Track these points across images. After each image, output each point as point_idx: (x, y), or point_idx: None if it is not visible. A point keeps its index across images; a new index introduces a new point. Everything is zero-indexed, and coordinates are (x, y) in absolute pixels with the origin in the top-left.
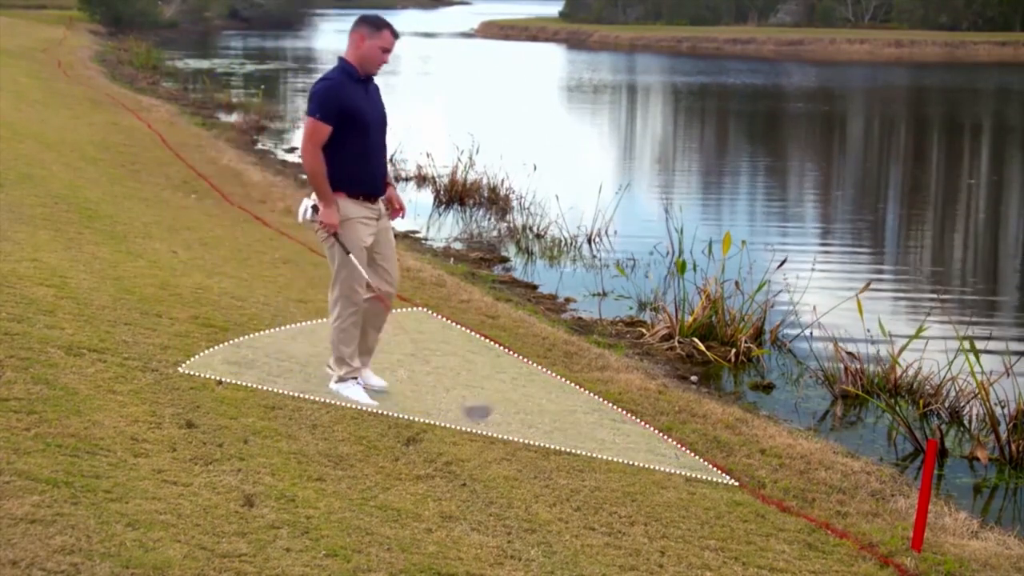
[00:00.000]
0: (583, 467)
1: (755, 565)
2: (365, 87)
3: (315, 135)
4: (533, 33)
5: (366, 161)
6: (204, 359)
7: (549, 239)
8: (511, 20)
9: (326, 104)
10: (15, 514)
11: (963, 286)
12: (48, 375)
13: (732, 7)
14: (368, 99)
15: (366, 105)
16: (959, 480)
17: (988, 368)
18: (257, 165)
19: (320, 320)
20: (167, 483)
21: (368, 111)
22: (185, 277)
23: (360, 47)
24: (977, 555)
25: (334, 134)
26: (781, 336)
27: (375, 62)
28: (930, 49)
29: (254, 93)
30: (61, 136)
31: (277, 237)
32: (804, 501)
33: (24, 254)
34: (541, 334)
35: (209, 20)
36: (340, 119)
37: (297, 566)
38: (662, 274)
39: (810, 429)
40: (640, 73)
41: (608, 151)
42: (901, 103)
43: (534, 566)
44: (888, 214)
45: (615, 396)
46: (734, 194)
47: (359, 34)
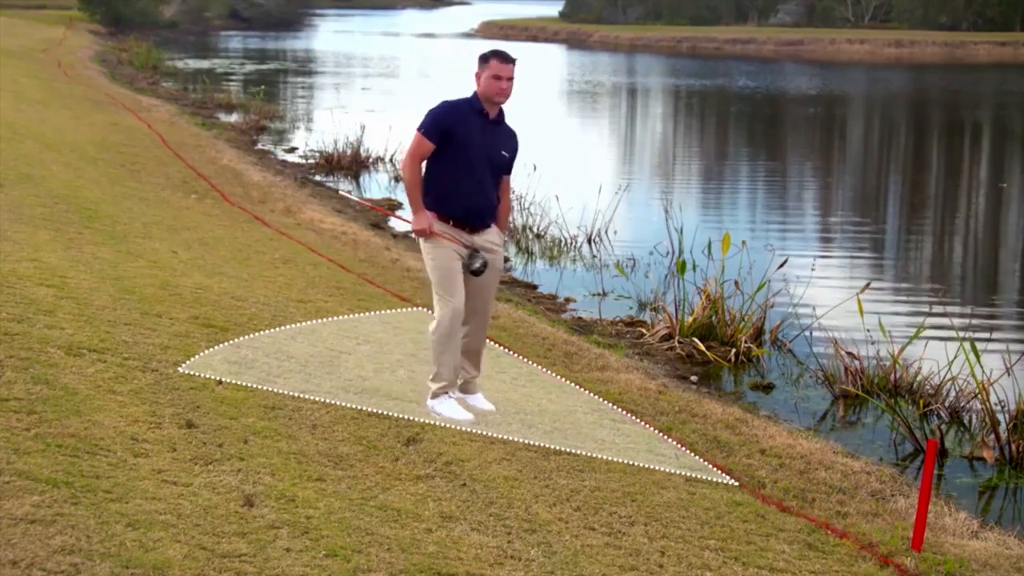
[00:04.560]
0: (583, 467)
1: (755, 565)
2: (487, 121)
3: (416, 148)
4: (533, 33)
5: (458, 188)
6: (204, 359)
7: (549, 239)
8: (511, 20)
9: (434, 122)
10: (15, 514)
11: (963, 286)
12: (48, 375)
13: (732, 7)
14: (484, 133)
15: (478, 137)
16: (959, 480)
17: (988, 368)
18: (257, 165)
19: (320, 320)
20: (167, 483)
21: (477, 143)
22: (185, 277)
23: (478, 82)
24: (977, 555)
25: (437, 154)
26: (781, 336)
27: (493, 91)
28: (930, 49)
29: (254, 93)
30: (61, 136)
31: (277, 237)
32: (804, 501)
33: (24, 254)
34: (541, 334)
35: (209, 20)
36: (443, 139)
37: (297, 566)
38: (662, 274)
39: (810, 429)
40: (640, 73)
41: (608, 151)
42: (901, 104)
43: (534, 566)
44: (888, 214)
45: (615, 396)
46: (734, 194)
47: (477, 72)
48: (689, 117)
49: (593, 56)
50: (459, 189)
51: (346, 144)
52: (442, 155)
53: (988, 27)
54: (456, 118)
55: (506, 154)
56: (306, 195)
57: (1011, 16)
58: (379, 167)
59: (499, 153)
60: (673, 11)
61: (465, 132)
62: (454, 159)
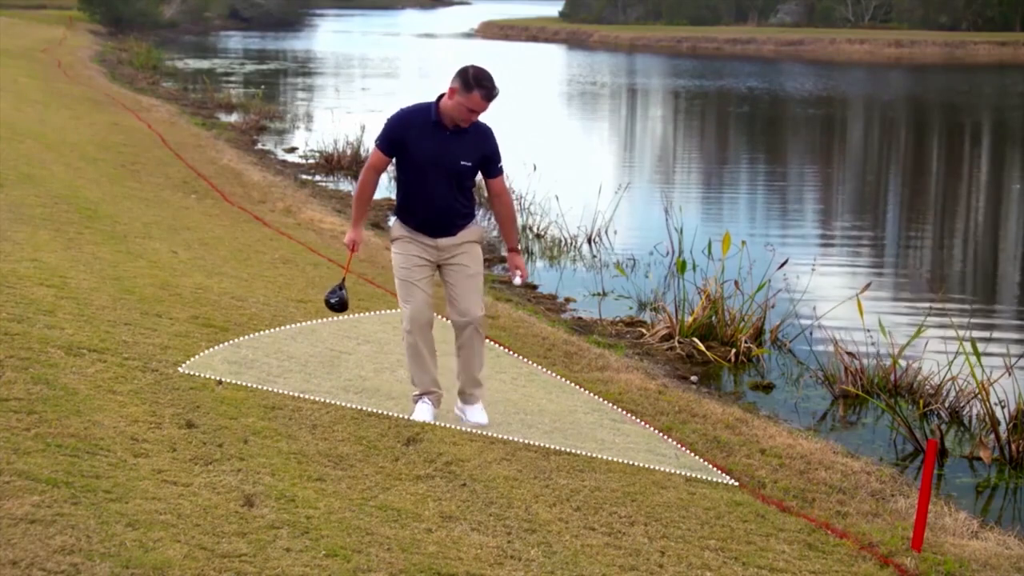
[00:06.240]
0: (583, 467)
1: (755, 565)
2: (443, 131)
3: (373, 159)
4: (533, 33)
5: (416, 198)
6: (204, 359)
7: (549, 239)
8: (511, 20)
9: (386, 134)
10: (15, 514)
11: (963, 286)
12: (48, 375)
13: (732, 7)
14: (438, 143)
15: (430, 146)
16: (959, 480)
17: (988, 368)
18: (257, 165)
19: (320, 320)
20: (167, 483)
21: (429, 152)
22: (185, 277)
23: (450, 98)
24: (977, 555)
25: (397, 162)
26: (781, 336)
27: (458, 119)
28: (930, 49)
29: (254, 93)
30: (61, 136)
31: (277, 237)
32: (804, 501)
33: (24, 254)
34: (541, 334)
35: (209, 20)
36: (397, 150)
37: (297, 566)
38: (662, 274)
39: (810, 429)
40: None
41: (608, 151)
42: (901, 104)
43: (534, 566)
44: (888, 214)
45: (615, 396)
46: (734, 194)
47: (453, 87)
48: (689, 117)
49: (593, 56)
50: (416, 198)
51: (346, 144)
52: (400, 164)
53: (988, 27)
54: (407, 128)
55: (467, 163)
56: (306, 195)
57: (1011, 16)
58: None
59: (457, 162)
60: (673, 11)
61: (416, 143)
62: (409, 170)
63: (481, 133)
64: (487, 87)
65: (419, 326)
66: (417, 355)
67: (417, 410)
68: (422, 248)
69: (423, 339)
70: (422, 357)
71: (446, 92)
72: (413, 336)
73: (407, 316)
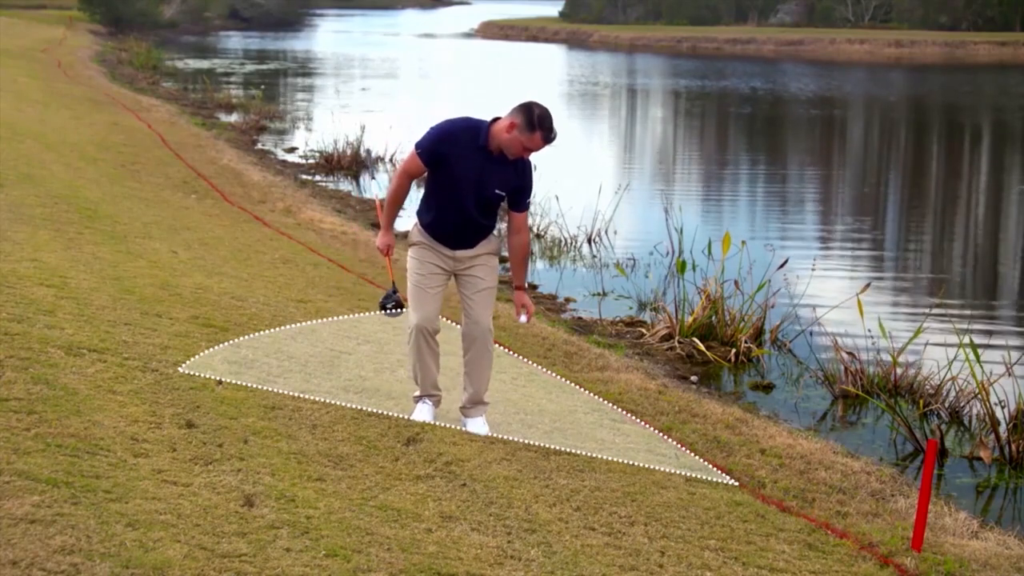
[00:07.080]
0: (583, 467)
1: (755, 565)
2: (487, 156)
3: (408, 164)
4: (533, 33)
5: (445, 212)
6: (204, 359)
7: (549, 239)
8: (511, 20)
9: (429, 144)
10: (15, 514)
11: (963, 286)
12: (48, 375)
13: (732, 7)
14: (478, 167)
15: (471, 168)
16: (959, 480)
17: (988, 368)
18: (257, 165)
19: (320, 320)
20: (167, 483)
21: (468, 174)
22: (185, 277)
23: (508, 132)
24: (977, 555)
25: (431, 174)
26: (781, 336)
27: (510, 152)
28: (930, 49)
29: (254, 93)
30: (61, 136)
31: (277, 237)
32: (804, 501)
33: (24, 254)
34: (541, 334)
35: (209, 20)
36: (436, 162)
37: (297, 566)
38: (662, 274)
39: (810, 429)
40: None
41: (608, 151)
42: (901, 104)
43: (534, 566)
44: (888, 214)
45: (615, 396)
46: (734, 194)
47: (513, 120)
48: (689, 117)
49: (593, 56)
50: (444, 212)
51: (346, 144)
52: (434, 176)
53: (988, 27)
54: (452, 144)
55: (500, 192)
56: (306, 195)
57: (1011, 16)
58: (379, 167)
59: (491, 190)
60: (673, 11)
61: (457, 161)
62: (442, 185)
63: (522, 165)
64: (548, 129)
65: (424, 334)
66: (420, 358)
67: (417, 410)
68: (440, 257)
69: (427, 345)
70: (425, 360)
71: (503, 119)
72: (418, 341)
73: (414, 323)
